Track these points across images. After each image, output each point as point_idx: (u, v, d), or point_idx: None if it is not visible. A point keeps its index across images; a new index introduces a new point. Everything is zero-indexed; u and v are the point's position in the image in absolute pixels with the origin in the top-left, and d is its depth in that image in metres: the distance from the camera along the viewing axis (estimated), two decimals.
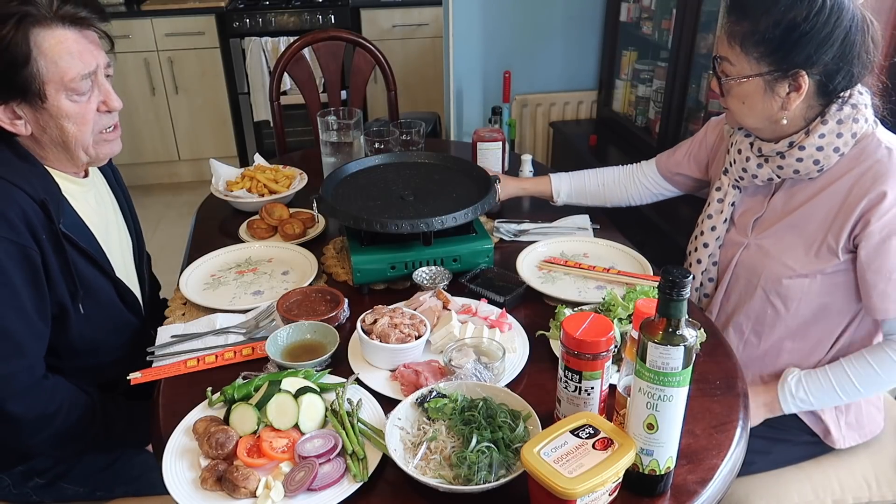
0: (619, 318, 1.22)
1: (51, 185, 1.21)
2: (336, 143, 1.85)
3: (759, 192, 1.38)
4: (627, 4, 3.02)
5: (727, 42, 1.24)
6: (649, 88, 2.93)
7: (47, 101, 1.15)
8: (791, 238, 1.30)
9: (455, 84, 3.15)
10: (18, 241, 1.11)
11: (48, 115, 1.17)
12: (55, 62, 1.13)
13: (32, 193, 1.14)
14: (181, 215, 3.71)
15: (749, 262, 1.37)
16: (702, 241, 1.45)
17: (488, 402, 1.02)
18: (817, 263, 1.27)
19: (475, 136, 1.86)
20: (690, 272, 0.82)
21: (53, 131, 1.19)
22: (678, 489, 0.96)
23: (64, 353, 1.26)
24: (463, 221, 1.39)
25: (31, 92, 1.13)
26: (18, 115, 1.16)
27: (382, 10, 3.92)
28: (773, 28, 1.17)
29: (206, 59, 3.85)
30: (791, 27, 1.16)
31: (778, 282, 1.31)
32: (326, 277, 1.49)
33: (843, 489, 1.38)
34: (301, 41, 2.39)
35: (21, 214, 1.12)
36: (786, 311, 1.32)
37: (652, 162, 1.66)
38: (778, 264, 1.31)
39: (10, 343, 1.13)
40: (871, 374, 1.27)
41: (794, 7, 1.16)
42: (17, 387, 1.15)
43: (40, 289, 1.16)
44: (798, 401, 1.31)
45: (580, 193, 1.69)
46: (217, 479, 0.95)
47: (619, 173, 1.69)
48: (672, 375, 0.84)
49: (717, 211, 1.43)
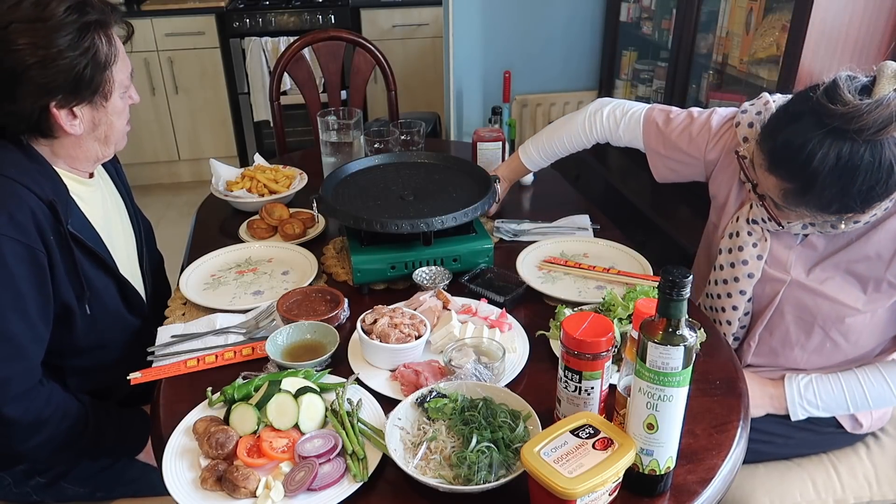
0: (619, 318, 1.22)
1: (59, 185, 1.21)
2: (336, 143, 1.85)
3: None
4: (627, 4, 3.02)
5: (783, 201, 1.15)
6: (649, 88, 2.93)
7: (110, 98, 1.21)
8: (841, 277, 1.25)
9: (455, 84, 3.15)
10: (26, 243, 1.11)
11: (105, 112, 1.21)
12: (122, 62, 1.21)
13: (41, 194, 1.14)
14: (181, 215, 3.72)
15: (797, 301, 1.30)
16: (738, 289, 1.33)
17: (488, 402, 1.02)
18: (879, 300, 1.24)
19: (475, 136, 1.86)
20: (690, 272, 0.81)
21: (103, 128, 1.23)
22: (678, 489, 0.96)
23: (68, 352, 1.26)
24: (463, 221, 1.39)
25: (101, 91, 1.18)
26: (76, 116, 1.18)
27: (382, 10, 3.92)
28: (849, 200, 1.08)
29: (206, 59, 3.85)
30: (869, 197, 1.08)
31: (840, 321, 1.27)
32: (326, 277, 1.49)
33: (845, 488, 1.39)
34: (301, 41, 2.39)
35: (30, 215, 1.12)
36: (847, 343, 1.29)
37: (639, 121, 1.48)
38: (835, 304, 1.26)
39: (10, 346, 1.12)
40: (884, 389, 1.27)
41: (869, 178, 1.05)
42: (16, 390, 1.15)
43: (45, 291, 1.16)
44: (805, 402, 1.30)
45: (551, 158, 1.64)
46: (217, 479, 0.95)
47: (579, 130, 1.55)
48: (672, 375, 0.84)
49: (753, 257, 1.31)
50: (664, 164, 1.48)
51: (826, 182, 1.06)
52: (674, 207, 2.47)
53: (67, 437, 1.23)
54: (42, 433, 1.19)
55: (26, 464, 1.33)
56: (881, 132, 1.02)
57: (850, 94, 1.02)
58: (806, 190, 1.10)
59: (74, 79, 1.13)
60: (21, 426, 1.16)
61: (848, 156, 1.04)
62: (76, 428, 1.24)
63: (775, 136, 1.12)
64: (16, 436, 1.17)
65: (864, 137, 1.02)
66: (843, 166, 1.04)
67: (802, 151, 1.06)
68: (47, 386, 1.21)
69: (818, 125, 1.05)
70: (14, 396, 1.14)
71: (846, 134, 1.03)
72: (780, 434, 1.35)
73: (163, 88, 3.86)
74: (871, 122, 1.01)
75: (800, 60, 1.96)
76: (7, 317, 1.11)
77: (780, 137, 1.10)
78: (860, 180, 1.05)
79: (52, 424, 1.20)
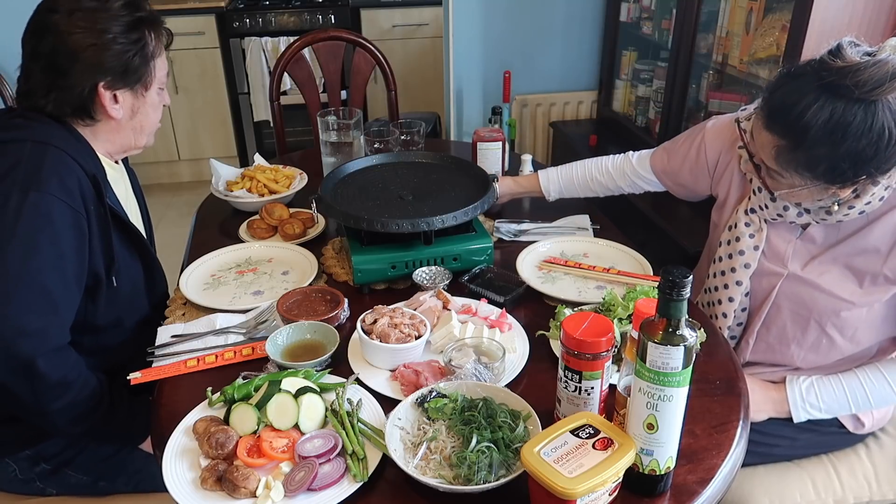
0: (619, 318, 1.22)
1: (99, 164, 1.32)
2: (336, 143, 1.85)
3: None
4: (627, 4, 3.02)
5: (775, 162, 1.15)
6: (649, 88, 2.93)
7: (149, 90, 1.35)
8: (838, 270, 1.25)
9: (455, 84, 3.15)
10: (74, 207, 1.20)
11: (143, 102, 1.35)
12: (162, 59, 1.36)
13: (86, 167, 1.25)
14: (181, 215, 3.71)
15: (794, 294, 1.30)
16: (734, 279, 1.34)
17: (488, 402, 1.02)
18: (875, 293, 1.23)
19: (475, 136, 1.86)
20: (690, 272, 0.81)
21: (140, 117, 1.36)
22: (678, 489, 0.96)
23: (88, 328, 1.30)
24: (463, 220, 1.39)
25: (143, 82, 1.32)
26: (118, 101, 1.30)
27: (382, 10, 3.92)
28: (838, 160, 1.08)
29: (206, 59, 3.85)
30: (859, 161, 1.07)
31: (835, 314, 1.27)
32: (326, 277, 1.49)
33: (844, 488, 1.39)
34: (301, 41, 2.39)
35: (77, 183, 1.21)
36: (842, 339, 1.29)
37: (646, 160, 1.57)
38: (831, 298, 1.26)
39: (49, 300, 1.17)
40: (885, 388, 1.26)
41: (860, 139, 1.05)
42: (49, 344, 1.17)
43: (82, 256, 1.23)
44: (808, 405, 1.30)
45: (569, 189, 1.66)
46: (217, 479, 0.95)
47: (608, 167, 1.61)
48: (672, 375, 0.84)
49: (749, 247, 1.33)
50: (674, 181, 1.54)
51: (817, 137, 1.06)
52: (674, 207, 2.47)
53: (85, 406, 1.24)
54: (65, 396, 1.21)
55: (37, 446, 1.33)
56: (877, 90, 1.02)
57: (851, 52, 1.04)
58: (797, 145, 1.10)
59: (123, 64, 1.27)
60: (49, 384, 1.17)
61: (841, 112, 1.04)
62: (93, 399, 1.25)
63: (774, 93, 1.13)
64: (45, 393, 1.19)
65: (859, 94, 1.03)
66: (836, 122, 1.05)
67: (797, 106, 1.07)
68: (74, 352, 1.24)
69: (816, 81, 1.06)
70: (49, 350, 1.17)
71: (842, 89, 1.04)
72: (784, 436, 1.35)
73: None
74: (867, 78, 1.01)
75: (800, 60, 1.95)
76: (49, 273, 1.16)
77: (779, 94, 1.12)
78: (850, 139, 1.05)
79: (75, 390, 1.22)
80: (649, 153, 1.58)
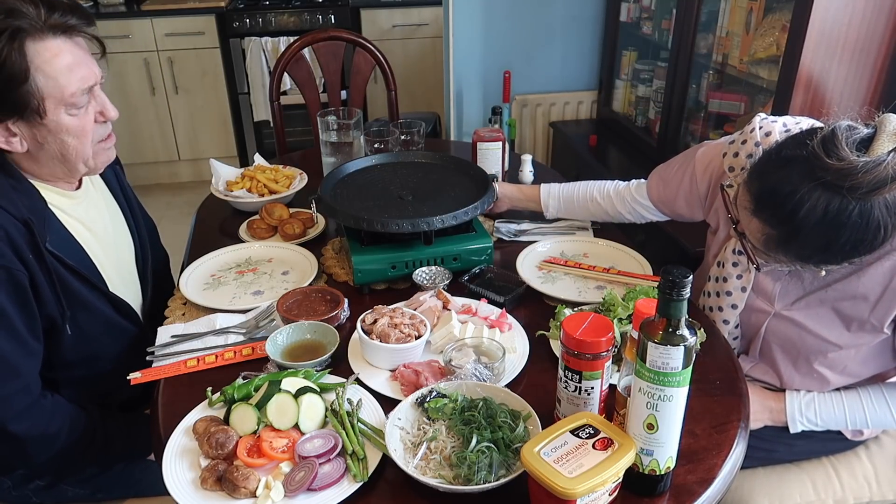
0: (619, 318, 1.22)
1: (36, 201, 1.18)
2: (336, 143, 1.85)
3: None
4: (627, 4, 3.02)
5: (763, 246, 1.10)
6: (649, 88, 2.93)
7: (46, 116, 1.13)
8: (825, 313, 1.23)
9: (455, 84, 3.15)
10: (2, 263, 1.09)
11: (47, 130, 1.14)
12: (55, 78, 1.11)
13: (15, 213, 1.12)
14: (181, 215, 3.71)
15: (782, 333, 1.29)
16: (729, 303, 1.32)
17: (488, 402, 1.02)
18: (862, 337, 1.22)
19: (475, 136, 1.86)
20: (690, 272, 0.81)
21: (53, 146, 1.16)
22: (678, 489, 0.96)
23: (58, 365, 1.25)
24: (463, 220, 1.39)
25: (29, 108, 1.11)
26: (14, 133, 1.13)
27: (382, 10, 3.92)
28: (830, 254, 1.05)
29: (206, 59, 3.85)
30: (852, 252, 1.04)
31: (822, 355, 1.25)
32: (326, 277, 1.49)
33: (844, 488, 1.39)
34: (301, 41, 2.39)
35: (4, 236, 1.09)
36: (833, 374, 1.28)
37: (643, 188, 1.54)
38: (818, 340, 1.24)
39: (5, 366, 1.12)
40: (885, 412, 1.26)
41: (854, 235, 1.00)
42: (17, 407, 1.14)
43: (29, 308, 1.14)
44: (805, 419, 1.30)
45: (569, 208, 1.64)
46: (217, 479, 0.95)
47: (609, 190, 1.58)
48: (672, 375, 0.84)
49: (737, 288, 1.30)
50: (671, 209, 1.51)
51: (810, 234, 1.02)
52: None
53: (79, 446, 1.23)
54: (52, 447, 1.19)
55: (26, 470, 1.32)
56: (874, 193, 0.97)
57: (847, 148, 0.97)
58: (789, 239, 1.05)
59: None
60: (31, 442, 1.16)
61: (836, 211, 0.98)
62: (85, 438, 1.24)
63: (763, 179, 1.06)
64: (28, 451, 1.18)
65: (856, 196, 0.98)
66: (830, 221, 0.99)
67: (790, 200, 1.01)
68: (50, 400, 1.21)
69: (810, 176, 0.99)
70: (16, 413, 1.14)
71: (838, 189, 0.98)
72: (782, 442, 1.35)
73: (163, 88, 3.86)
74: (865, 182, 0.96)
75: (800, 60, 1.96)
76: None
77: (769, 182, 1.05)
78: (845, 237, 1.00)
79: (62, 438, 1.20)
80: (645, 182, 1.55)
